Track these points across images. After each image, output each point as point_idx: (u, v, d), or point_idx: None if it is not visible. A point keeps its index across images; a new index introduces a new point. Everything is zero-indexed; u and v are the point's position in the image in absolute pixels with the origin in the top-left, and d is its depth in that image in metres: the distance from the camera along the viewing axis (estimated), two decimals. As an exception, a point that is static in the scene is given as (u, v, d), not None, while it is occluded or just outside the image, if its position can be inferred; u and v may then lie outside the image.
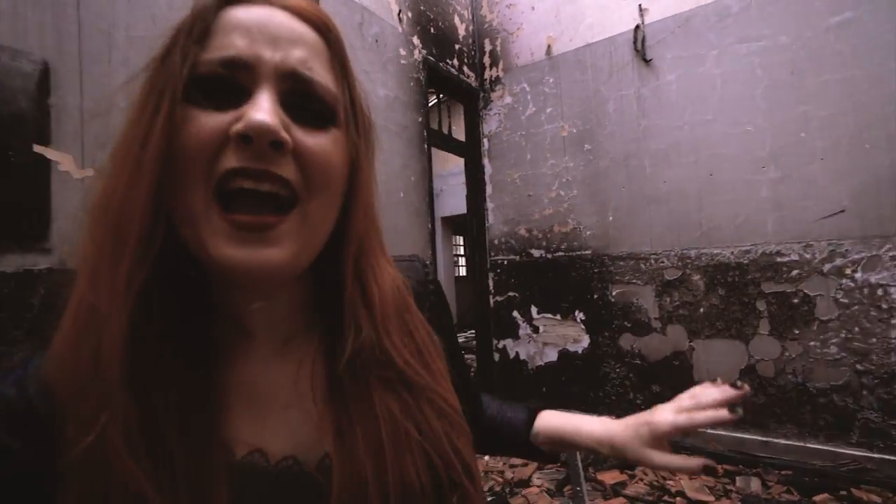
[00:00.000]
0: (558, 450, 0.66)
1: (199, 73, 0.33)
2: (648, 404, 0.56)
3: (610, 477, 2.44)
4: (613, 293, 3.11)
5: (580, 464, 2.77)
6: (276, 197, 0.34)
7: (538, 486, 2.44)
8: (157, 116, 0.32)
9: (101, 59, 1.60)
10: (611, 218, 3.14)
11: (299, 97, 0.35)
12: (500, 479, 2.53)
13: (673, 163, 2.93)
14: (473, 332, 4.02)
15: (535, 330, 3.44)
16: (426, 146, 3.14)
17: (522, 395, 3.49)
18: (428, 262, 0.59)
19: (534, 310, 3.44)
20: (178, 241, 0.35)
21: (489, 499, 2.35)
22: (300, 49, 0.36)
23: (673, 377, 2.86)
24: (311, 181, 0.35)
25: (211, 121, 0.32)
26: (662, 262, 2.94)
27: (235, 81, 0.34)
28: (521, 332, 3.51)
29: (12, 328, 1.36)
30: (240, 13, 0.35)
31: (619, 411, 3.07)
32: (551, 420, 0.65)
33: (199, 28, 0.34)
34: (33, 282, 1.42)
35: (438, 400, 0.41)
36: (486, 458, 2.85)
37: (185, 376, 0.35)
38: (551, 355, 3.37)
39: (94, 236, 0.34)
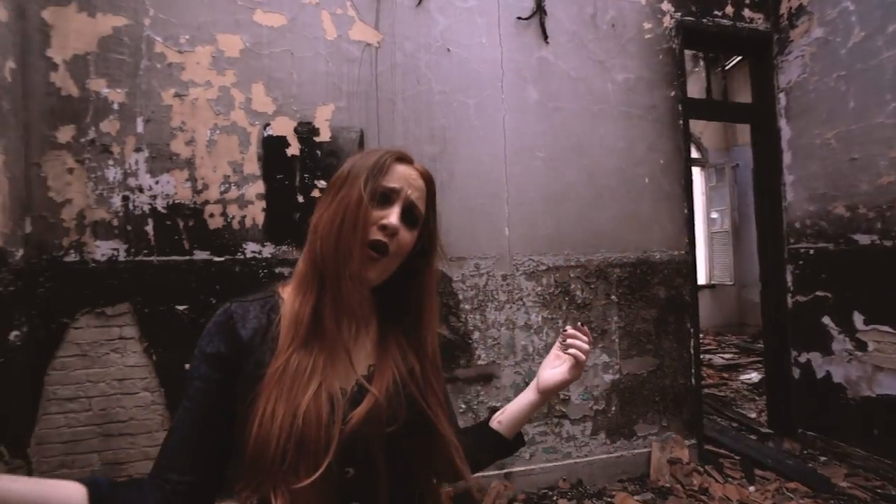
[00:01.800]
0: (514, 429, 0.85)
1: (378, 189, 0.68)
2: None
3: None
4: None
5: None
6: (385, 249, 0.68)
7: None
8: (357, 202, 0.65)
9: (388, 118, 2.44)
10: None
11: (408, 211, 0.70)
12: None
13: None
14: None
15: (861, 346, 2.48)
16: (681, 122, 2.81)
17: (839, 433, 2.60)
18: None
19: (858, 318, 2.48)
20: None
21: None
22: (417, 192, 0.71)
23: None
24: (398, 249, 0.69)
25: (375, 213, 0.67)
26: None
27: (391, 196, 0.69)
28: (834, 345, 2.60)
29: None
30: (399, 168, 0.71)
31: None
32: (505, 409, 0.87)
33: (380, 169, 0.68)
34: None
35: (434, 381, 0.73)
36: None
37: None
38: (890, 386, 2.36)
39: (332, 239, 0.65)
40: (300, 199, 2.33)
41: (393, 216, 0.67)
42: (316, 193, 2.35)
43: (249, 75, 2.29)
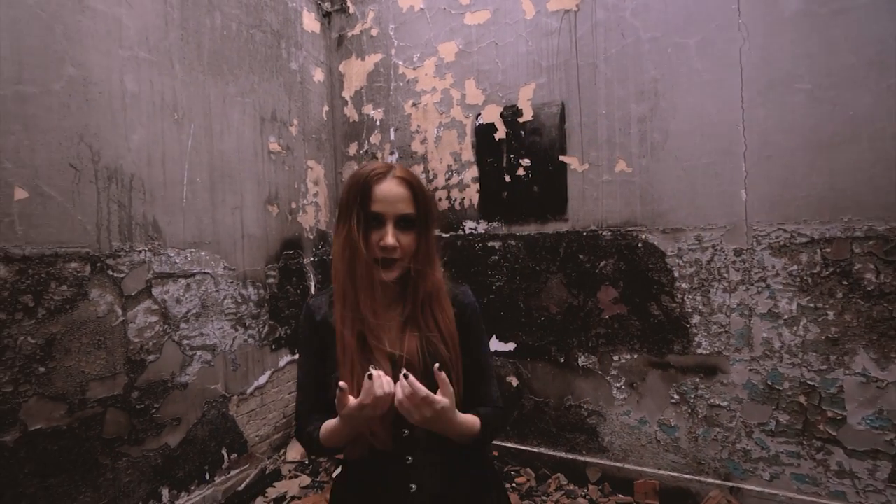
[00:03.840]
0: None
1: (367, 213, 0.84)
2: None
3: None
4: None
5: None
6: (393, 259, 0.85)
7: None
8: (357, 229, 0.84)
9: (589, 84, 2.32)
10: None
11: (401, 220, 0.85)
12: None
13: None
14: None
15: None
16: None
17: None
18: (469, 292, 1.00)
19: None
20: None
21: None
22: (401, 203, 0.85)
23: None
24: (404, 252, 0.86)
25: (373, 235, 0.84)
26: None
27: (379, 218, 0.84)
28: None
29: (550, 262, 2.43)
30: (377, 190, 0.84)
31: None
32: None
33: (364, 196, 0.84)
34: (560, 238, 2.42)
35: (443, 326, 0.89)
36: None
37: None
38: None
39: (344, 267, 0.86)
40: (507, 178, 2.54)
41: (388, 237, 0.83)
42: (521, 172, 2.50)
43: (463, 74, 2.62)
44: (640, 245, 2.23)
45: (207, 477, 2.16)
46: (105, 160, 1.82)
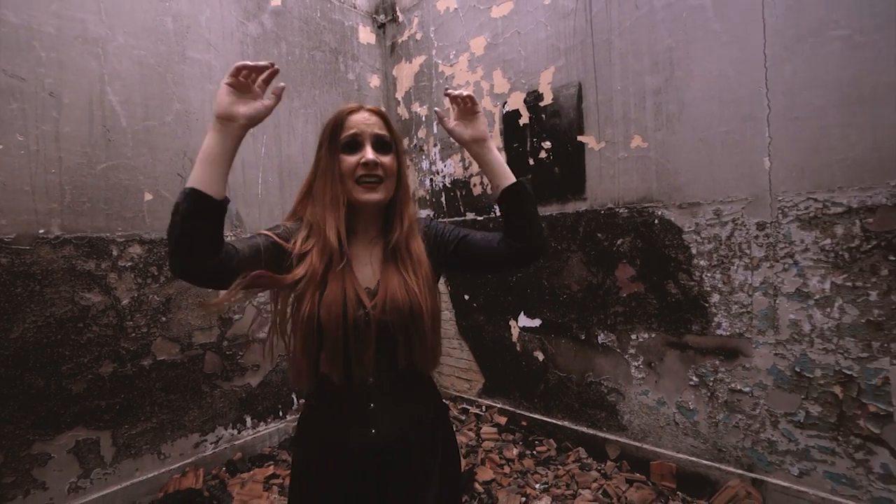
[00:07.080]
0: (495, 182, 0.96)
1: (340, 143, 0.90)
2: None
3: None
4: None
5: None
6: (378, 177, 0.90)
7: None
8: (335, 158, 0.90)
9: (604, 61, 2.29)
10: None
11: (378, 142, 0.91)
12: None
13: None
14: None
15: None
16: None
17: None
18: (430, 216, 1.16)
19: None
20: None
21: None
22: (375, 126, 0.91)
23: None
24: (386, 173, 0.91)
25: (350, 159, 0.90)
26: None
27: (356, 140, 0.90)
28: None
29: (571, 241, 2.47)
30: (351, 119, 0.91)
31: None
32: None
33: (339, 126, 0.91)
34: (580, 217, 2.45)
35: (421, 270, 0.93)
36: None
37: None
38: None
39: (319, 195, 0.91)
40: (531, 161, 2.64)
41: (368, 153, 0.88)
42: (543, 154, 2.58)
43: (490, 65, 2.77)
44: (656, 221, 2.16)
45: (281, 413, 2.76)
46: (201, 169, 2.46)
